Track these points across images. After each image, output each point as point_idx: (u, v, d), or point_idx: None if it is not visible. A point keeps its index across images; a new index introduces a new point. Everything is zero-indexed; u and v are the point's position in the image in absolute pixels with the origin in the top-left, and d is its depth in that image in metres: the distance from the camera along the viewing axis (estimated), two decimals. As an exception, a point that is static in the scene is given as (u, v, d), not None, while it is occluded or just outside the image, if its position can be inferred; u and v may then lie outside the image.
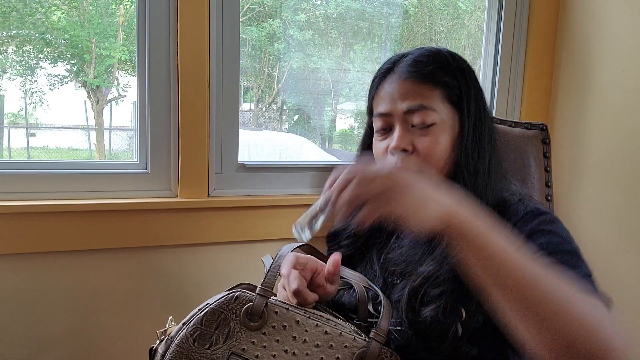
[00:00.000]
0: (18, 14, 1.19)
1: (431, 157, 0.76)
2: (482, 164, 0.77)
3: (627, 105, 1.25)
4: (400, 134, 0.77)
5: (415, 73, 0.76)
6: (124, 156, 1.61)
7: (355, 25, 1.53)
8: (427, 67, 0.76)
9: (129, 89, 1.40)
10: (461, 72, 0.78)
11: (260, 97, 1.61)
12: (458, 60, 0.80)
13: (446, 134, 0.76)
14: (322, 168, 1.29)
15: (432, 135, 0.76)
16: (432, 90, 0.76)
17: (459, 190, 0.61)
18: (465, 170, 0.76)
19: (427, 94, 0.76)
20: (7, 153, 1.40)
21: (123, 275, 1.12)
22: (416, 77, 0.76)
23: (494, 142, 0.81)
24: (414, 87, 0.76)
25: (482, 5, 1.51)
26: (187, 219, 1.14)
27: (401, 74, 0.78)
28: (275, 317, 0.67)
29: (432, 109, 0.75)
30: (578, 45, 1.39)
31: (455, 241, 0.56)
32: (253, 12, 1.44)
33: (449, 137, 0.77)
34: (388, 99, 0.78)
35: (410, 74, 0.77)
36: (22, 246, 1.03)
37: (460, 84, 0.77)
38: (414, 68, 0.77)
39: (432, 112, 0.75)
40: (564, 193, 1.41)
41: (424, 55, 0.78)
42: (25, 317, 1.06)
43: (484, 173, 0.77)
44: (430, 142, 0.76)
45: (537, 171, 1.08)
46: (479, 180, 0.76)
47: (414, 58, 0.78)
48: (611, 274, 1.29)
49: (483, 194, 0.75)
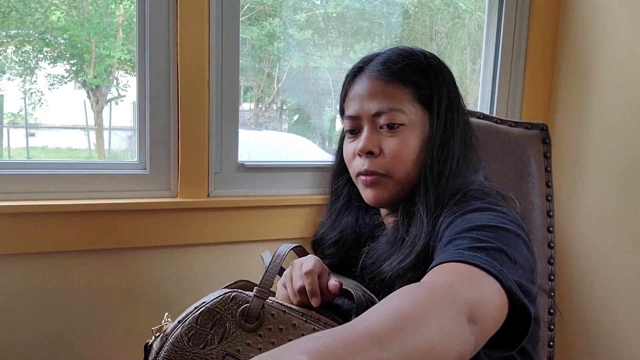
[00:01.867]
0: (17, 14, 1.18)
1: (398, 158, 0.75)
2: (449, 166, 0.75)
3: (627, 105, 1.25)
4: (368, 135, 0.76)
5: (384, 72, 0.75)
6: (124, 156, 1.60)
7: (355, 24, 1.53)
8: (396, 65, 0.75)
9: (129, 88, 1.40)
10: (432, 71, 0.77)
11: (260, 97, 1.61)
12: (430, 58, 0.78)
13: (414, 136, 0.75)
14: (322, 168, 1.29)
15: (400, 137, 0.75)
16: (402, 89, 0.75)
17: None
18: (429, 173, 0.74)
19: (395, 94, 0.75)
20: (6, 153, 1.40)
21: (123, 275, 1.12)
22: (385, 76, 0.75)
23: (468, 139, 0.80)
24: (382, 87, 0.75)
25: (482, 5, 1.51)
26: (187, 219, 1.14)
27: (371, 73, 0.77)
28: (272, 319, 0.67)
29: (400, 110, 0.74)
30: (578, 45, 1.39)
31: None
32: (253, 12, 1.44)
33: (417, 138, 0.76)
34: (357, 100, 0.77)
35: (379, 72, 0.75)
36: (22, 246, 1.03)
37: (431, 83, 0.76)
38: (383, 67, 0.76)
39: (399, 114, 0.74)
40: (565, 193, 1.41)
41: (395, 54, 0.77)
42: (25, 317, 1.06)
43: (449, 176, 0.75)
44: (397, 143, 0.74)
45: (538, 171, 1.08)
46: (442, 182, 0.74)
47: (384, 57, 0.77)
48: (611, 274, 1.29)
49: (441, 194, 0.73)
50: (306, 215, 1.25)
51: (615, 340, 1.28)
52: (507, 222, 0.65)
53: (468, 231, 0.62)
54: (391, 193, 0.77)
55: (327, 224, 0.92)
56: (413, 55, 0.77)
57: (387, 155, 0.75)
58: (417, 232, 0.71)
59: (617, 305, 1.27)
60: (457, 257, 0.55)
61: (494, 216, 0.65)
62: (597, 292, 1.31)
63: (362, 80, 0.78)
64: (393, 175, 0.76)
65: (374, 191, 0.77)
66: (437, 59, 0.80)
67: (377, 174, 0.76)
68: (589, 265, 1.34)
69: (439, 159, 0.75)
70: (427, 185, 0.74)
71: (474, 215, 0.66)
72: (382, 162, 0.76)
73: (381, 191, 0.77)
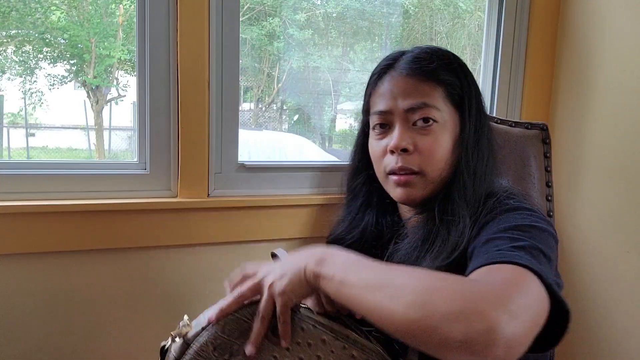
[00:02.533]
0: (17, 14, 1.18)
1: (432, 157, 0.75)
2: (481, 166, 0.76)
3: (627, 105, 1.25)
4: (401, 132, 0.75)
5: (417, 70, 0.75)
6: (124, 156, 1.60)
7: (355, 24, 1.53)
8: (430, 64, 0.75)
9: (129, 88, 1.40)
10: (463, 72, 0.77)
11: (260, 97, 1.61)
12: (459, 59, 0.79)
13: (447, 134, 0.76)
14: (322, 168, 1.29)
15: (433, 135, 0.74)
16: (435, 88, 0.75)
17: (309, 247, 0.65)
18: (466, 172, 0.75)
19: (429, 91, 0.74)
20: (6, 153, 1.40)
21: (123, 276, 1.12)
22: (418, 74, 0.75)
23: (492, 142, 0.81)
24: (415, 84, 0.74)
25: (482, 5, 1.51)
26: (187, 219, 1.14)
27: (402, 70, 0.76)
28: (301, 333, 0.64)
29: (435, 107, 0.74)
30: (578, 45, 1.39)
31: (318, 284, 0.60)
32: (253, 12, 1.44)
33: (449, 137, 0.76)
34: (388, 96, 0.76)
35: (412, 70, 0.75)
36: (22, 246, 1.03)
37: (462, 83, 0.76)
38: (416, 65, 0.75)
39: (434, 110, 0.74)
40: (565, 193, 1.41)
41: (425, 53, 0.77)
42: (25, 317, 1.06)
43: (482, 175, 0.76)
44: (431, 141, 0.74)
45: (538, 171, 1.08)
46: (476, 181, 0.75)
47: (414, 55, 0.77)
48: (611, 274, 1.29)
49: (477, 193, 0.74)
50: (306, 215, 1.25)
51: (615, 339, 1.28)
52: (538, 220, 0.66)
53: (506, 231, 0.63)
54: (423, 192, 0.77)
55: (345, 223, 0.91)
56: (443, 55, 0.77)
57: (421, 153, 0.75)
58: (460, 230, 0.71)
59: (617, 304, 1.27)
60: (501, 258, 0.57)
61: (527, 215, 0.67)
62: (597, 292, 1.31)
63: (392, 77, 0.77)
64: (427, 173, 0.76)
65: (406, 190, 0.77)
66: (463, 61, 0.80)
67: (411, 172, 0.76)
68: (588, 265, 1.34)
69: (473, 157, 0.75)
70: (465, 184, 0.74)
71: (508, 215, 0.67)
72: (417, 160, 0.75)
73: (414, 190, 0.77)
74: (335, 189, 1.29)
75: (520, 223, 0.65)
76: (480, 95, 0.80)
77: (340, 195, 1.26)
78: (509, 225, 0.64)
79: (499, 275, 0.55)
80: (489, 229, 0.66)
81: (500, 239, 0.62)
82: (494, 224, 0.67)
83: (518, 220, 0.66)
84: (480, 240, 0.65)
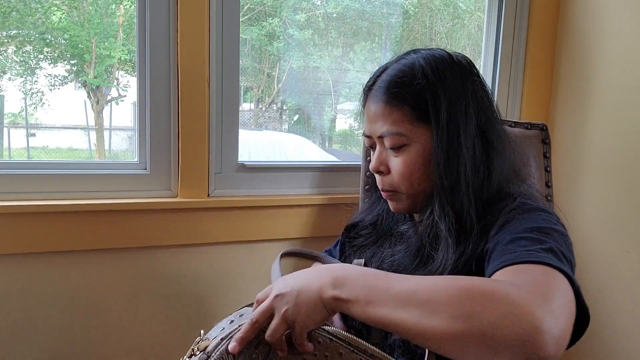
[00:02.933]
0: (18, 14, 1.19)
1: (404, 176, 0.77)
2: (464, 176, 0.74)
3: (627, 105, 1.25)
4: (377, 155, 0.80)
5: (385, 96, 0.77)
6: (124, 156, 1.60)
7: (355, 25, 1.53)
8: (396, 88, 0.76)
9: (129, 89, 1.40)
10: (429, 86, 0.75)
11: (260, 97, 1.61)
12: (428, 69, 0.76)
13: (418, 152, 0.76)
14: (322, 168, 1.29)
15: (403, 156, 0.77)
16: (400, 110, 0.76)
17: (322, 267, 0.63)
18: (439, 184, 0.74)
19: (394, 116, 0.76)
20: (7, 153, 1.40)
21: (123, 275, 1.12)
22: (385, 100, 0.77)
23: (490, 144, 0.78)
24: (383, 111, 0.77)
25: (482, 5, 1.51)
26: (187, 219, 1.14)
27: (375, 94, 0.79)
28: (318, 345, 0.64)
29: (399, 133, 0.76)
30: (578, 45, 1.39)
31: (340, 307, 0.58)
32: (253, 12, 1.44)
33: (420, 155, 0.76)
34: (367, 121, 0.81)
35: (381, 96, 0.78)
36: (22, 246, 1.03)
37: (427, 99, 0.75)
38: (382, 91, 0.77)
39: (399, 137, 0.76)
40: (564, 193, 1.41)
41: (395, 74, 0.78)
42: (25, 317, 1.06)
43: (467, 180, 0.74)
44: (401, 162, 0.77)
45: (537, 171, 1.08)
46: (461, 187, 0.74)
47: (386, 79, 0.78)
48: (611, 274, 1.29)
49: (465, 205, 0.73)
50: (306, 215, 1.25)
51: (615, 339, 1.28)
52: (557, 223, 0.68)
53: (531, 231, 0.64)
54: (407, 204, 0.81)
55: (365, 210, 0.96)
56: (411, 73, 0.76)
57: (393, 174, 0.79)
58: (443, 255, 0.72)
59: (617, 304, 1.27)
60: (531, 258, 0.57)
61: (546, 216, 0.68)
62: (597, 292, 1.31)
63: (370, 100, 0.81)
64: (402, 191, 0.79)
65: (392, 203, 0.83)
66: (440, 61, 0.77)
67: (389, 191, 0.81)
68: (589, 265, 1.34)
69: (447, 171, 0.74)
70: (442, 202, 0.74)
71: (530, 215, 0.68)
72: (390, 181, 0.80)
73: (398, 204, 0.82)
74: (335, 189, 1.30)
75: (544, 225, 0.65)
76: (462, 100, 0.76)
77: (341, 195, 1.27)
78: (533, 226, 0.65)
79: (532, 275, 0.55)
80: (511, 227, 0.67)
81: (525, 239, 0.62)
82: (517, 224, 0.67)
83: (540, 221, 0.66)
84: (504, 239, 0.65)
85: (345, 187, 1.30)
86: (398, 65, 0.79)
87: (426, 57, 0.78)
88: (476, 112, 0.77)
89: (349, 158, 1.58)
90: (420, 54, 0.79)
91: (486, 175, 0.77)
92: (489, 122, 0.79)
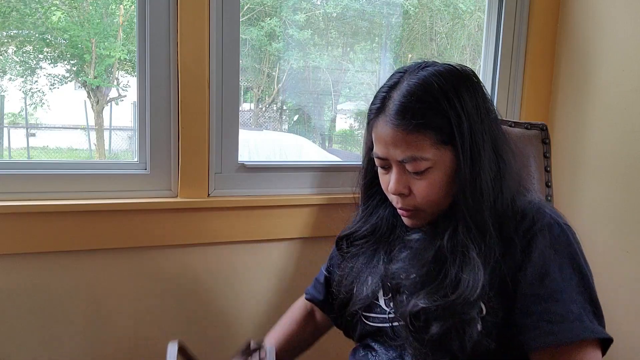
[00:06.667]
0: (18, 14, 1.19)
1: (428, 197, 0.77)
2: (485, 190, 0.75)
3: (627, 105, 1.25)
4: (397, 178, 0.77)
5: (403, 121, 0.73)
6: (124, 156, 1.61)
7: (355, 25, 1.53)
8: (415, 115, 0.73)
9: (129, 89, 1.40)
10: (450, 106, 0.73)
11: (260, 97, 1.61)
12: (447, 86, 0.74)
13: (441, 173, 0.75)
14: (322, 168, 1.29)
15: (427, 179, 0.75)
16: (423, 138, 0.73)
17: None
18: (464, 204, 0.74)
19: (417, 142, 0.73)
20: (7, 153, 1.40)
21: (123, 275, 1.12)
22: (404, 127, 0.73)
23: (503, 156, 0.78)
24: (403, 137, 0.74)
25: (482, 5, 1.51)
26: (187, 219, 1.14)
27: (389, 120, 0.75)
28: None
29: (422, 158, 0.74)
30: (578, 45, 1.39)
31: None
32: (253, 12, 1.44)
33: (444, 175, 0.75)
34: (383, 144, 0.77)
35: (398, 122, 0.74)
36: (22, 246, 1.03)
37: (451, 120, 0.73)
38: (399, 118, 0.73)
39: (423, 162, 0.74)
40: (564, 193, 1.41)
41: (411, 96, 0.74)
42: (26, 317, 1.06)
43: (488, 198, 0.75)
44: (425, 185, 0.76)
45: (537, 171, 1.08)
46: (484, 206, 0.74)
47: (400, 102, 0.74)
48: (611, 274, 1.29)
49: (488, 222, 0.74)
50: (306, 215, 1.25)
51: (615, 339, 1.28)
52: (583, 257, 0.76)
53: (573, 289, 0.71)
54: (426, 221, 0.81)
55: (360, 220, 0.93)
56: (429, 94, 0.74)
57: (416, 196, 0.77)
58: (473, 277, 0.71)
59: (617, 304, 1.27)
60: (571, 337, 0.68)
61: (577, 249, 0.75)
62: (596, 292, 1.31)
63: (383, 123, 0.76)
64: (426, 210, 0.79)
65: (411, 220, 0.81)
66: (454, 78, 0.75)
67: (409, 210, 0.80)
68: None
69: (472, 191, 0.74)
70: (467, 222, 0.74)
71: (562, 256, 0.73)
72: (413, 202, 0.78)
73: (418, 220, 0.81)
74: (335, 189, 1.29)
75: (583, 272, 0.73)
76: (480, 111, 0.76)
77: (341, 195, 1.27)
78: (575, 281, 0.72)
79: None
80: (550, 277, 0.71)
81: (574, 303, 0.70)
82: (555, 269, 0.71)
83: (578, 268, 0.73)
84: (546, 293, 0.70)
85: (345, 187, 1.29)
86: (410, 87, 0.75)
87: (438, 74, 0.75)
88: (488, 126, 0.77)
89: (349, 158, 1.58)
90: (429, 71, 0.75)
91: (499, 190, 0.76)
92: (498, 133, 0.79)
